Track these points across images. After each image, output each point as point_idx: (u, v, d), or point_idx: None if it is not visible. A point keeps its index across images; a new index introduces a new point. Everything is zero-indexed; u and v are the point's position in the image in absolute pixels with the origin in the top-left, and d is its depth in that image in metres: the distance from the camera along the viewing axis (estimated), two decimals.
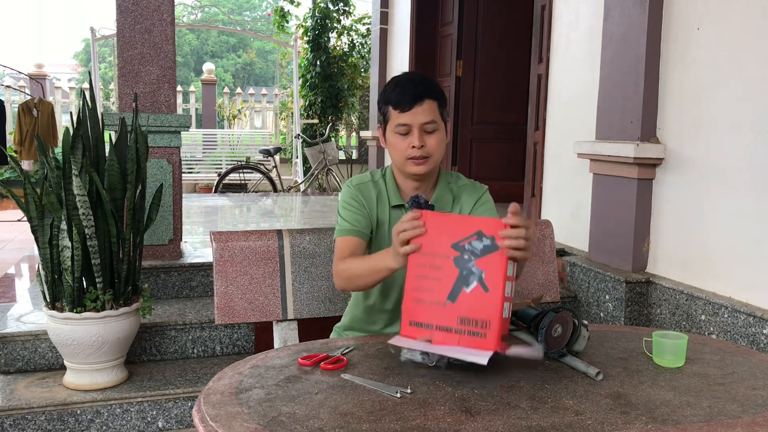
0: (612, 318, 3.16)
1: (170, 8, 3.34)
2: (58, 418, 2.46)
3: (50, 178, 2.41)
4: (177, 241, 3.38)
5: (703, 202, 2.84)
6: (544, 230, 2.36)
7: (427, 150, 1.72)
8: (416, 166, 1.73)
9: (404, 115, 1.70)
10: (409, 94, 1.69)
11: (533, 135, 4.33)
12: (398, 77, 1.77)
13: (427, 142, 1.71)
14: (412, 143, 1.71)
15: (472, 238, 1.35)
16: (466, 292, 1.34)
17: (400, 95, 1.70)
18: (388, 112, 1.74)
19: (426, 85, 1.72)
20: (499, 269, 1.32)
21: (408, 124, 1.70)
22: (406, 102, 1.69)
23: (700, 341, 1.67)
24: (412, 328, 1.39)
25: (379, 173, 1.87)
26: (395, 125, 1.72)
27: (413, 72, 1.79)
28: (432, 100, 1.71)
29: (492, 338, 1.32)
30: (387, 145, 1.79)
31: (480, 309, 1.33)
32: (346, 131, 11.72)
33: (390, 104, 1.73)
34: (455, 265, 1.35)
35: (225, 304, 2.00)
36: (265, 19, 24.15)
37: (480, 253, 1.34)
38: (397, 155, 1.75)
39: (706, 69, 2.82)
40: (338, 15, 10.49)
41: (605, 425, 1.17)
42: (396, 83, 1.74)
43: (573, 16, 3.84)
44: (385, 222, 1.82)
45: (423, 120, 1.70)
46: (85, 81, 13.55)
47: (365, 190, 1.81)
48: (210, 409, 1.21)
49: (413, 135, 1.71)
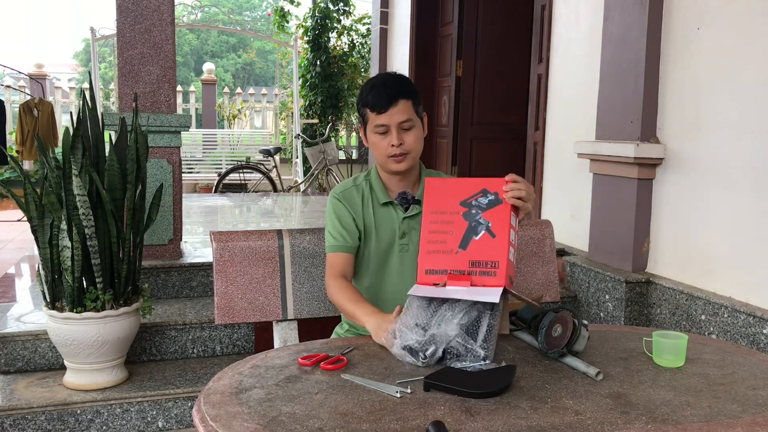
0: (612, 318, 3.16)
1: (170, 8, 3.34)
2: (58, 418, 2.46)
3: (50, 178, 2.41)
4: (177, 241, 3.38)
5: (703, 201, 2.84)
6: (544, 230, 2.36)
7: (406, 147, 1.81)
8: (397, 163, 1.82)
9: (381, 117, 1.79)
10: (384, 95, 1.78)
11: (533, 135, 4.33)
12: (373, 79, 1.85)
13: (405, 140, 1.80)
14: (391, 142, 1.80)
15: (478, 196, 1.52)
16: (476, 239, 1.48)
17: (375, 97, 1.79)
18: (366, 114, 1.83)
19: (400, 85, 1.81)
20: (504, 218, 1.48)
21: (386, 125, 1.79)
22: (382, 104, 1.78)
23: (700, 341, 1.67)
24: (428, 276, 1.49)
25: (362, 176, 1.95)
26: (374, 126, 1.81)
27: (388, 73, 1.89)
28: (406, 100, 1.80)
29: (501, 275, 1.45)
30: (369, 145, 1.88)
31: (489, 252, 1.47)
32: (346, 131, 11.72)
33: (367, 106, 1.81)
34: (464, 219, 1.50)
35: (225, 304, 2.00)
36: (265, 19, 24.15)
37: (486, 206, 1.50)
38: (379, 154, 1.84)
39: (706, 69, 2.82)
40: (338, 15, 10.48)
41: (605, 425, 1.17)
42: (372, 86, 1.82)
43: (573, 16, 3.84)
44: (371, 221, 1.88)
45: (399, 119, 1.79)
46: (85, 81, 13.55)
47: (349, 197, 1.89)
48: (210, 409, 1.21)
49: (391, 134, 1.80)
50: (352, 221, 1.86)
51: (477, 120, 5.92)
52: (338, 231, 1.85)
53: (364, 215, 1.87)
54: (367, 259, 1.89)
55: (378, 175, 1.91)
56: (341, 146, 11.59)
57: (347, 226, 1.85)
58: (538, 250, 2.34)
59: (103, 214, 2.45)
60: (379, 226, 1.87)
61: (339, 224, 1.85)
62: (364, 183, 1.91)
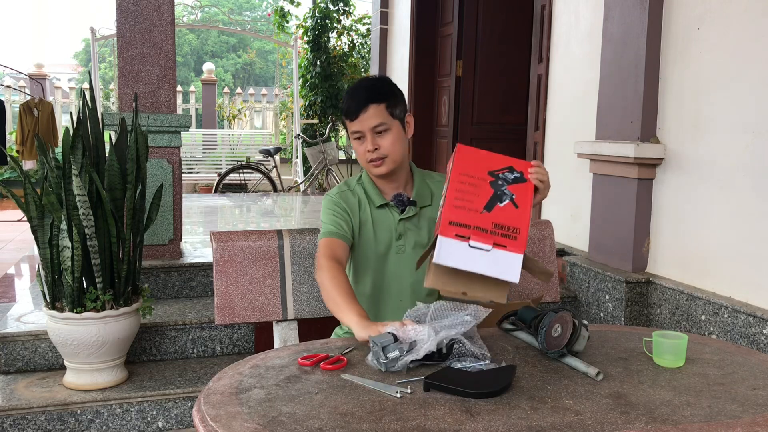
0: (612, 318, 3.16)
1: (170, 8, 3.34)
2: (58, 418, 2.46)
3: (50, 178, 2.41)
4: (177, 241, 3.38)
5: (703, 202, 2.84)
6: (544, 230, 2.36)
7: (381, 151, 1.81)
8: (376, 167, 1.83)
9: (354, 123, 1.81)
10: (353, 102, 1.80)
11: (533, 135, 4.33)
12: (352, 86, 1.87)
13: (380, 144, 1.81)
14: (366, 148, 1.81)
15: (505, 171, 1.60)
16: (500, 206, 1.54)
17: (347, 105, 1.81)
18: (345, 122, 1.85)
19: (371, 90, 1.80)
20: (527, 195, 1.56)
21: (360, 131, 1.81)
22: (352, 111, 1.80)
23: (700, 341, 1.67)
24: (451, 227, 1.50)
25: (354, 180, 1.95)
26: (351, 133, 1.83)
27: (365, 78, 1.90)
28: (377, 104, 1.79)
29: (522, 241, 1.50)
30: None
31: (512, 219, 1.53)
32: (346, 131, 11.72)
33: (343, 114, 1.84)
34: (491, 186, 1.56)
35: (225, 304, 2.00)
36: (265, 19, 24.14)
37: (511, 181, 1.57)
38: (360, 160, 1.86)
39: (706, 69, 2.82)
40: (338, 15, 10.48)
41: (605, 425, 1.17)
42: (347, 93, 1.84)
43: (573, 16, 3.84)
44: (368, 222, 1.88)
45: (371, 124, 1.79)
46: (85, 81, 13.55)
47: (345, 198, 1.89)
48: (210, 409, 1.21)
49: (366, 140, 1.81)
50: (348, 217, 1.85)
51: (477, 120, 5.92)
52: (334, 221, 1.83)
53: (360, 217, 1.87)
54: (366, 262, 1.89)
55: (369, 178, 1.91)
56: (341, 146, 11.58)
57: (343, 218, 1.84)
58: (538, 250, 2.34)
59: (103, 214, 2.45)
60: (376, 228, 1.87)
61: (335, 216, 1.84)
62: (358, 187, 1.91)
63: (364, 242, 1.87)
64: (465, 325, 1.44)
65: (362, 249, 1.88)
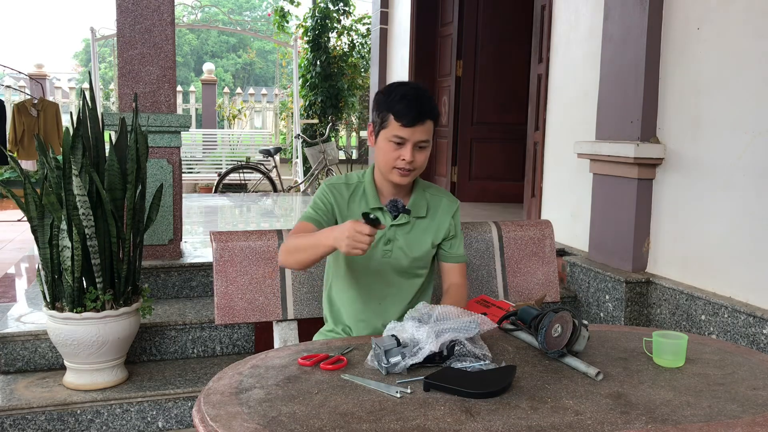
0: (612, 318, 3.16)
1: (170, 8, 3.34)
2: (58, 418, 2.46)
3: (50, 178, 2.41)
4: (177, 241, 3.38)
5: (703, 202, 2.84)
6: (544, 230, 2.36)
7: (415, 164, 1.79)
8: (401, 176, 1.81)
9: (405, 130, 1.75)
10: (414, 111, 1.74)
11: (533, 135, 4.33)
12: (405, 89, 1.79)
13: (416, 158, 1.79)
14: (402, 156, 1.77)
15: None
16: None
17: (405, 109, 1.74)
18: (388, 120, 1.78)
19: (430, 105, 1.78)
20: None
21: (406, 138, 1.76)
22: (410, 118, 1.74)
23: (700, 341, 1.67)
24: None
25: (356, 176, 1.93)
26: (392, 135, 1.77)
27: (419, 87, 1.83)
28: (431, 121, 1.79)
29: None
30: (376, 147, 1.84)
31: None
32: (346, 131, 11.72)
33: (392, 113, 1.76)
34: None
35: (225, 304, 2.00)
36: (265, 19, 24.13)
37: None
38: (385, 161, 1.81)
39: (706, 69, 2.82)
40: (338, 15, 10.49)
41: (605, 425, 1.17)
42: (403, 95, 1.76)
43: (573, 16, 3.84)
44: None
45: (420, 138, 1.77)
46: (85, 81, 13.55)
47: (336, 192, 1.88)
48: (210, 409, 1.21)
49: (406, 148, 1.77)
50: (330, 206, 1.86)
51: (477, 120, 5.92)
52: (315, 207, 1.86)
53: (347, 213, 1.87)
54: (350, 262, 1.88)
55: (373, 178, 1.90)
56: (341, 146, 11.60)
57: (326, 206, 1.86)
58: (538, 250, 2.34)
59: (103, 214, 2.45)
60: None
61: (319, 202, 1.86)
62: (357, 183, 1.90)
63: None
64: (469, 330, 1.44)
65: None
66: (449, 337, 1.41)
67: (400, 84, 1.82)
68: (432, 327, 1.43)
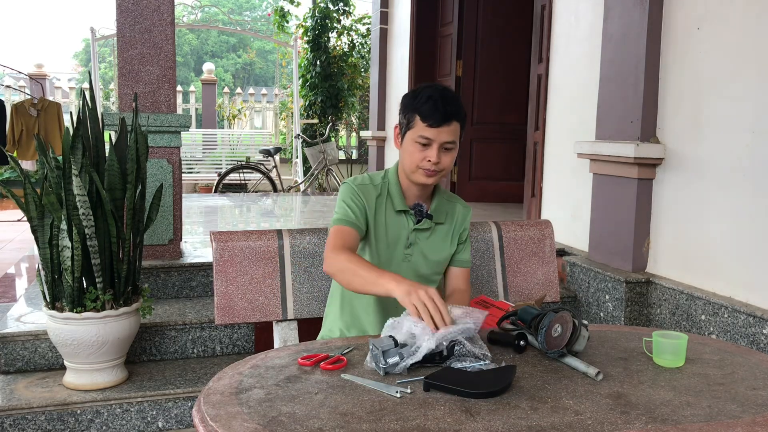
0: (612, 318, 3.16)
1: (170, 8, 3.34)
2: (58, 418, 2.46)
3: (50, 178, 2.41)
4: (177, 241, 3.38)
5: (703, 201, 2.84)
6: (544, 230, 2.36)
7: (441, 166, 1.79)
8: (426, 177, 1.80)
9: (430, 130, 1.75)
10: (440, 112, 1.74)
11: (533, 135, 4.33)
12: (431, 90, 1.78)
13: (442, 159, 1.78)
14: (428, 157, 1.76)
15: None
16: None
17: (432, 110, 1.74)
18: (414, 121, 1.77)
19: (456, 106, 1.77)
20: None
21: (431, 139, 1.76)
22: (436, 119, 1.74)
23: (700, 341, 1.67)
24: None
25: (378, 177, 1.91)
26: (418, 135, 1.76)
27: (446, 89, 1.81)
28: (458, 122, 1.78)
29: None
30: (401, 148, 1.83)
31: None
32: (346, 131, 11.72)
33: (418, 114, 1.76)
34: None
35: (225, 304, 2.00)
36: (265, 19, 24.13)
37: None
38: (410, 162, 1.80)
39: (706, 69, 2.82)
40: (338, 15, 10.48)
41: (605, 425, 1.17)
42: (429, 96, 1.75)
43: (573, 16, 3.84)
44: (381, 224, 1.85)
45: (446, 139, 1.76)
46: (85, 81, 13.55)
47: (365, 191, 1.85)
48: (210, 409, 1.21)
49: (432, 149, 1.76)
50: (363, 208, 1.82)
51: (477, 120, 5.92)
52: (350, 208, 1.81)
53: (376, 213, 1.85)
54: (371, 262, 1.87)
55: (397, 179, 1.88)
56: (341, 146, 11.59)
57: (359, 208, 1.81)
58: (538, 250, 2.34)
59: (103, 214, 2.45)
60: (389, 231, 1.85)
61: (351, 203, 1.81)
62: (382, 184, 1.88)
63: (373, 241, 1.85)
64: (468, 332, 1.45)
65: (370, 248, 1.86)
66: (445, 333, 1.41)
67: (427, 86, 1.81)
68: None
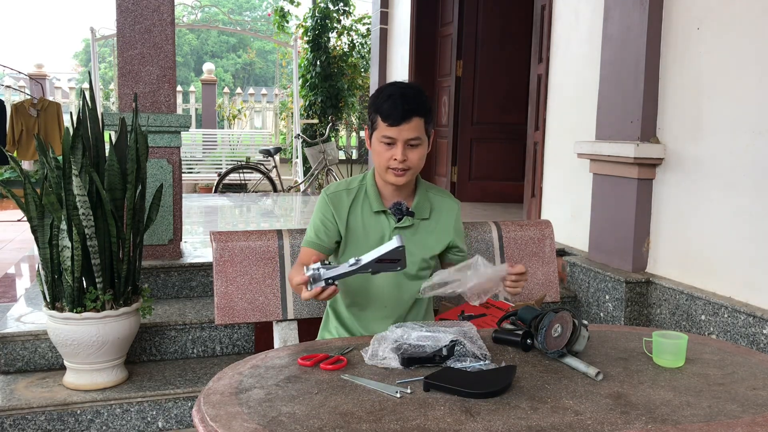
0: (612, 318, 3.16)
1: (170, 8, 3.34)
2: (58, 418, 2.46)
3: (50, 178, 2.41)
4: (177, 241, 3.38)
5: (703, 202, 2.84)
6: (544, 230, 2.36)
7: (408, 164, 1.79)
8: (395, 176, 1.80)
9: (391, 129, 1.76)
10: (398, 110, 1.74)
11: (533, 135, 4.33)
12: (392, 89, 1.80)
13: (409, 157, 1.78)
14: (394, 155, 1.77)
15: None
16: None
17: (390, 109, 1.75)
18: (377, 121, 1.79)
19: (416, 102, 1.77)
20: None
21: (394, 138, 1.76)
22: (394, 117, 1.74)
23: (700, 341, 1.67)
24: None
25: (357, 180, 1.92)
26: (381, 135, 1.78)
27: (407, 85, 1.82)
28: (419, 118, 1.77)
29: None
30: (371, 149, 1.85)
31: None
32: (346, 131, 11.72)
33: (379, 114, 1.77)
34: None
35: (225, 304, 2.00)
36: (265, 19, 24.13)
37: None
38: (379, 162, 1.82)
39: (706, 69, 2.82)
40: (338, 15, 10.48)
41: (605, 425, 1.17)
42: (389, 95, 1.77)
43: (573, 16, 3.84)
44: (358, 227, 1.87)
45: (408, 136, 1.76)
46: (85, 81, 13.54)
47: (337, 200, 1.87)
48: (210, 409, 1.21)
49: (397, 148, 1.77)
50: (332, 224, 1.86)
51: (477, 120, 5.92)
52: (317, 228, 1.86)
53: (349, 220, 1.86)
54: None
55: (374, 181, 1.90)
56: (341, 146, 11.58)
57: (327, 226, 1.86)
58: (538, 250, 2.34)
59: (103, 214, 2.45)
60: (369, 232, 1.86)
61: (320, 222, 1.87)
62: (359, 187, 1.90)
63: (352, 245, 1.86)
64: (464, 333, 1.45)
65: (350, 251, 1.85)
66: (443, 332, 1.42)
67: (389, 84, 1.83)
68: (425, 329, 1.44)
